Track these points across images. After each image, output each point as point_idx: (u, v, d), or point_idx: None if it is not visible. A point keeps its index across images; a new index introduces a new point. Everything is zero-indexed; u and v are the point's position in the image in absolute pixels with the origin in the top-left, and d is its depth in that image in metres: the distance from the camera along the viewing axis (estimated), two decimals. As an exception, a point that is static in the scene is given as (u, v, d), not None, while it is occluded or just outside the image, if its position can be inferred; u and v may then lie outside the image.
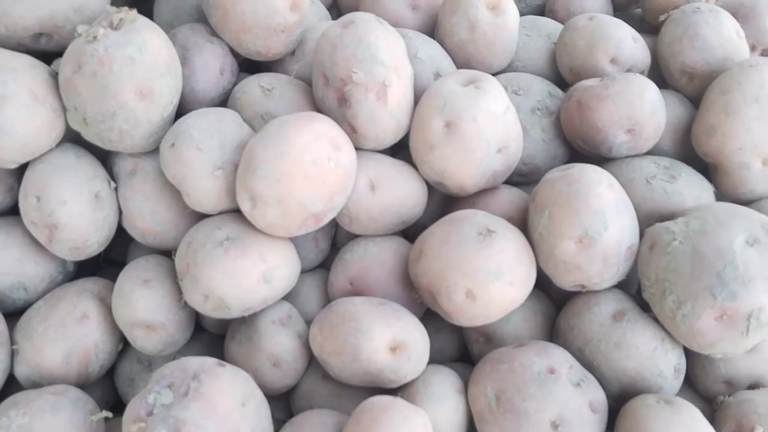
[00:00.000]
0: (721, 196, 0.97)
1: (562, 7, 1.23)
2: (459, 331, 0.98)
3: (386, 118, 0.90)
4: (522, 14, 1.22)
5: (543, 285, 0.93)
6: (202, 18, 1.03)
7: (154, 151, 0.93)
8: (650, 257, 0.84)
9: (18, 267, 0.94)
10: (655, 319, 0.84)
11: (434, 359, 0.90)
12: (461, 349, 0.99)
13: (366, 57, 0.88)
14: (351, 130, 0.91)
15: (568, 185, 0.84)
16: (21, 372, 0.89)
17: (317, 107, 0.96)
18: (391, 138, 0.94)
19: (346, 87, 0.89)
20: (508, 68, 1.13)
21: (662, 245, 0.83)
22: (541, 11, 1.29)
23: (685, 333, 0.80)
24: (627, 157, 0.99)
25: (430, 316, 0.93)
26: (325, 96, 0.92)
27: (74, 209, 0.89)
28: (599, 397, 0.80)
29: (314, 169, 0.82)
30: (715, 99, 0.94)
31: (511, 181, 1.01)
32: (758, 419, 0.78)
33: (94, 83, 0.84)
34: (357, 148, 0.91)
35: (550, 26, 1.17)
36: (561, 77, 1.12)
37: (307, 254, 0.98)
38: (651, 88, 0.95)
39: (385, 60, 0.89)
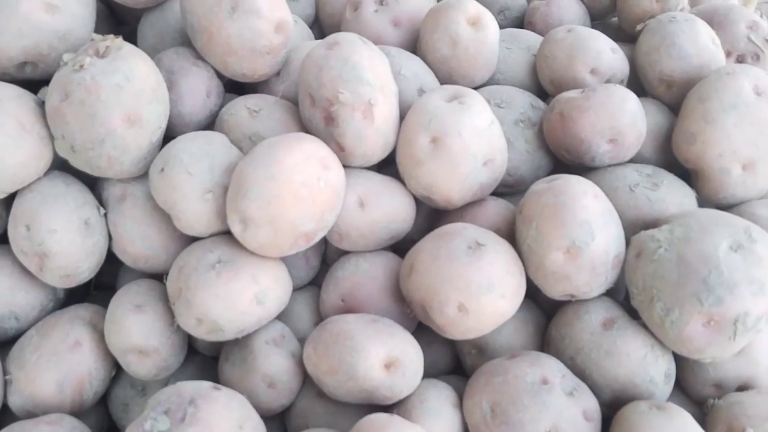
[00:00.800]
0: (703, 201, 0.99)
1: (541, 20, 1.24)
2: (451, 344, 0.99)
3: (373, 135, 0.91)
4: (501, 27, 1.24)
5: (533, 295, 0.94)
6: (186, 41, 1.04)
7: (142, 176, 0.93)
8: (637, 265, 0.85)
9: (9, 296, 0.93)
10: (645, 326, 0.85)
11: (427, 373, 0.90)
12: (454, 362, 1.00)
13: (351, 77, 0.89)
14: (339, 149, 0.92)
15: (554, 197, 0.85)
16: (15, 402, 0.89)
17: (304, 127, 0.96)
18: (378, 155, 0.95)
19: (332, 107, 0.90)
20: (490, 81, 1.14)
21: (648, 253, 0.84)
22: (520, 24, 1.31)
23: (674, 339, 0.81)
24: (610, 165, 1.00)
25: (422, 330, 0.94)
26: (312, 116, 0.93)
27: (64, 237, 0.89)
28: (592, 405, 0.82)
29: (304, 189, 0.83)
30: (694, 107, 0.96)
31: (496, 192, 1.02)
32: (748, 421, 0.79)
33: (81, 111, 0.84)
34: (345, 166, 0.92)
35: (529, 39, 1.19)
36: (542, 89, 1.14)
37: (298, 272, 0.99)
38: (631, 98, 0.97)
39: (371, 79, 0.90)
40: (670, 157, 1.03)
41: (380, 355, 0.82)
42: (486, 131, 0.92)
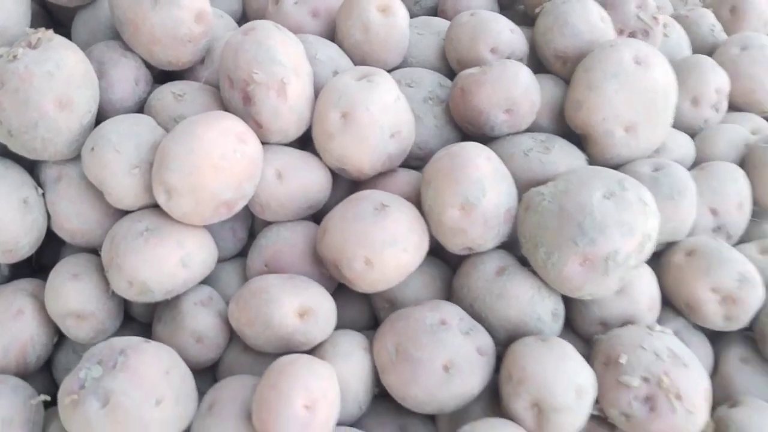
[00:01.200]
0: (594, 162, 1.08)
1: (451, 7, 1.34)
2: (369, 301, 1.08)
3: (287, 112, 1.00)
4: (416, 15, 1.34)
5: (440, 253, 1.03)
6: (116, 36, 1.12)
7: (76, 158, 1.01)
8: (525, 217, 0.95)
9: (-45, 273, 1.01)
10: (534, 272, 0.95)
11: (347, 327, 0.99)
12: (372, 319, 1.09)
13: (266, 59, 0.98)
14: (257, 126, 1.00)
15: (450, 160, 0.95)
16: (-38, 368, 0.97)
17: (225, 108, 1.05)
18: (294, 131, 1.04)
19: (249, 87, 0.98)
20: (403, 64, 1.23)
21: (534, 206, 0.94)
22: (434, 12, 1.40)
23: (555, 279, 0.91)
24: (509, 134, 1.10)
25: (343, 290, 1.02)
26: (232, 97, 1.02)
27: (5, 215, 0.96)
28: (487, 342, 0.91)
29: (222, 161, 0.91)
30: (581, 77, 1.06)
31: (409, 165, 1.11)
32: (623, 349, 0.89)
33: (16, 98, 0.92)
34: (264, 142, 1.01)
35: (440, 25, 1.28)
36: (451, 69, 1.23)
37: (226, 244, 1.07)
38: (524, 71, 1.06)
39: (284, 60, 0.99)
40: (566, 126, 1.13)
41: (294, 305, 0.90)
42: (392, 106, 1.01)
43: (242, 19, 1.38)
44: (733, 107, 1.32)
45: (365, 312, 1.08)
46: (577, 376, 0.85)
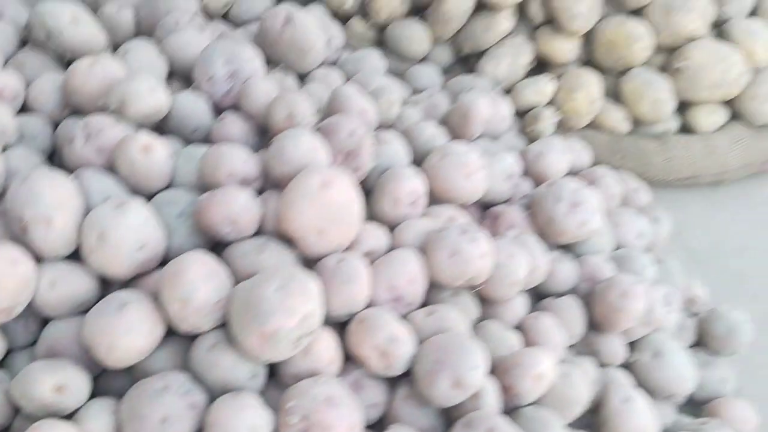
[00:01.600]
0: (299, 259, 1.46)
1: (216, 137, 1.71)
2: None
3: (54, 240, 1.35)
4: (192, 141, 1.71)
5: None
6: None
7: None
8: (229, 305, 1.31)
9: None
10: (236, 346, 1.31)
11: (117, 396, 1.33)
12: (135, 387, 1.42)
13: (34, 202, 1.33)
14: (32, 250, 1.35)
15: (169, 267, 1.31)
16: None
17: (11, 237, 1.38)
18: (64, 251, 1.38)
19: (23, 223, 1.33)
20: (170, 187, 1.59)
21: (233, 296, 1.30)
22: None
23: (244, 350, 1.27)
24: (237, 241, 1.47)
25: (110, 368, 1.36)
26: (13, 228, 1.36)
27: None
28: (200, 399, 1.25)
29: (-2, 279, 1.25)
30: (283, 196, 1.44)
31: (167, 267, 1.47)
32: (293, 396, 1.24)
33: None
34: (40, 261, 1.35)
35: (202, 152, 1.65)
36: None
37: (19, 336, 1.40)
38: (243, 194, 1.43)
39: (50, 201, 1.34)
40: (287, 230, 1.50)
41: (51, 382, 1.22)
42: (140, 225, 1.37)
43: (53, 155, 1.72)
44: (436, 202, 1.73)
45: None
46: (253, 419, 1.20)
